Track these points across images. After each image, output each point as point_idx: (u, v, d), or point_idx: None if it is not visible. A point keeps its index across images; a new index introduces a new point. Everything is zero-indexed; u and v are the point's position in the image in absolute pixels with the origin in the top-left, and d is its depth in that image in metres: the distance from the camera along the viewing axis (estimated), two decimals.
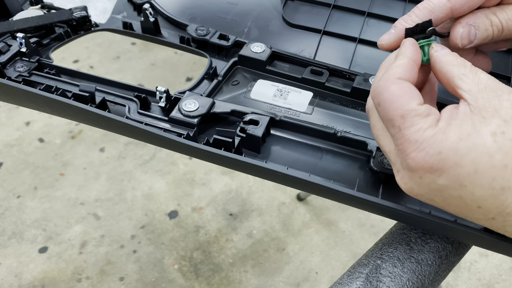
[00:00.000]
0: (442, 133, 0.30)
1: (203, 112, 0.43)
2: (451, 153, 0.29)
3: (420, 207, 0.39)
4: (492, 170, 0.29)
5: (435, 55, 0.35)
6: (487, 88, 0.31)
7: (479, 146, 0.29)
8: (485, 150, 0.29)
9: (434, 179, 0.31)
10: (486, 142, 0.29)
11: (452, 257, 0.40)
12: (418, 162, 0.31)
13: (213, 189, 1.23)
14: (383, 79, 0.33)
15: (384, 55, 0.52)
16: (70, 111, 0.44)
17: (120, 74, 1.49)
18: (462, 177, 0.30)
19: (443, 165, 0.30)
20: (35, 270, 1.08)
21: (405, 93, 0.32)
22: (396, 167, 0.33)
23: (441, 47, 0.35)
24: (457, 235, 0.38)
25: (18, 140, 1.34)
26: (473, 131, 0.29)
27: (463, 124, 0.30)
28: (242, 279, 1.06)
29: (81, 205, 1.19)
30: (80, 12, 0.54)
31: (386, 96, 0.32)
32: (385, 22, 0.54)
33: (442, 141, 0.30)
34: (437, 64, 0.34)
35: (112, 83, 0.48)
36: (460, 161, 0.29)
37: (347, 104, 0.47)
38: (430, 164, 0.30)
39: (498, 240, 0.34)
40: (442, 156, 0.30)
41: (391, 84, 0.32)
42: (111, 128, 0.44)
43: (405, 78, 0.33)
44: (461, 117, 0.30)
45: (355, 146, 0.43)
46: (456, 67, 0.33)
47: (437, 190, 0.31)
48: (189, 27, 0.53)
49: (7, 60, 0.48)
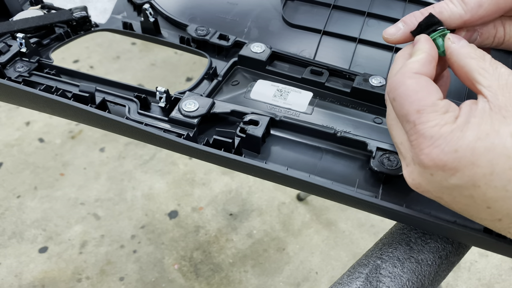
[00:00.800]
0: (460, 130, 0.29)
1: (203, 112, 0.43)
2: (468, 152, 0.28)
3: (421, 207, 0.39)
4: (509, 172, 0.28)
5: (452, 46, 0.33)
6: (508, 85, 0.30)
7: (498, 147, 0.28)
8: (504, 151, 0.28)
9: (447, 177, 0.30)
10: (505, 143, 0.28)
11: (452, 257, 0.40)
12: (432, 159, 0.29)
13: (213, 189, 1.23)
14: (399, 73, 0.32)
15: (384, 56, 0.52)
16: (70, 112, 0.44)
17: (120, 74, 1.49)
18: (477, 177, 0.29)
19: (458, 164, 0.29)
20: (35, 270, 1.08)
21: (423, 88, 0.31)
22: (406, 161, 0.32)
23: (458, 38, 0.33)
24: (456, 235, 0.38)
25: (18, 140, 1.34)
26: (492, 130, 0.28)
27: (482, 123, 0.29)
28: (242, 279, 1.06)
29: (81, 205, 1.19)
30: (80, 12, 0.54)
31: (402, 91, 0.31)
32: (385, 22, 0.54)
33: (459, 139, 0.29)
34: (454, 56, 0.33)
35: (112, 83, 0.48)
36: (477, 161, 0.28)
37: (347, 104, 0.47)
38: (445, 161, 0.29)
39: (498, 241, 0.34)
40: (458, 155, 0.29)
41: (407, 79, 0.31)
42: (111, 129, 0.44)
43: (422, 73, 0.32)
44: (480, 114, 0.29)
45: (355, 146, 0.43)
46: (475, 60, 0.32)
47: (447, 188, 0.30)
48: (189, 27, 0.53)
49: (7, 60, 0.48)
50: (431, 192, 0.31)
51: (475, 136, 0.28)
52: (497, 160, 0.28)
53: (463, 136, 0.29)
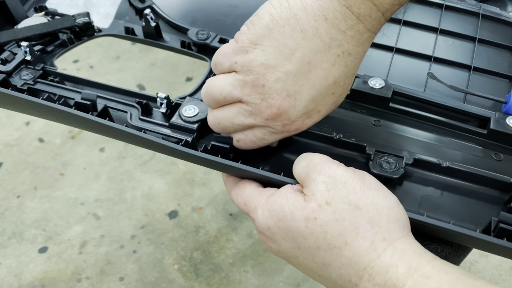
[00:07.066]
0: (268, 211, 0.35)
1: (203, 117, 0.44)
2: (276, 229, 0.35)
3: (418, 210, 0.40)
4: (309, 249, 0.33)
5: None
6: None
7: (295, 229, 0.33)
8: (299, 232, 0.33)
9: (276, 246, 0.36)
10: (299, 226, 0.33)
11: (452, 258, 0.40)
12: (260, 230, 0.36)
13: (213, 189, 1.23)
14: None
15: (384, 57, 0.53)
16: (72, 119, 0.44)
17: (120, 74, 1.49)
18: (291, 250, 0.35)
19: (274, 238, 0.35)
20: (35, 270, 1.08)
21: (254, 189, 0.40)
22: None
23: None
24: (453, 237, 0.38)
25: (18, 140, 1.34)
26: (289, 213, 0.34)
27: (284, 205, 0.34)
28: (242, 279, 1.07)
29: (81, 205, 1.20)
30: (83, 19, 0.55)
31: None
32: (386, 23, 0.54)
33: (267, 218, 0.35)
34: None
35: (114, 89, 0.49)
36: (285, 236, 0.34)
37: (345, 107, 0.48)
38: (266, 235, 0.36)
39: (497, 243, 0.34)
40: (271, 231, 0.35)
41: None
42: (113, 135, 0.44)
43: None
44: (283, 194, 0.35)
45: (353, 150, 0.44)
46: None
47: (283, 254, 0.36)
48: (189, 31, 0.53)
49: (12, 68, 0.49)
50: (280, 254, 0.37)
51: (277, 217, 0.35)
52: (298, 238, 0.33)
53: (271, 215, 0.35)
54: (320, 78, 0.35)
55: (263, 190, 0.38)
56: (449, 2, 0.58)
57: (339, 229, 0.32)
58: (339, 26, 0.33)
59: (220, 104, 0.38)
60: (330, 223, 0.32)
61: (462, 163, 0.42)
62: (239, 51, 0.36)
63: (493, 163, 0.43)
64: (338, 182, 0.33)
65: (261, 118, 0.36)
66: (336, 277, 0.33)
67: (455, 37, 0.55)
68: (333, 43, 0.34)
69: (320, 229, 0.32)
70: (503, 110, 0.46)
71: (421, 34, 0.55)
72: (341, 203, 0.32)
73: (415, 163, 0.42)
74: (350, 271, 0.32)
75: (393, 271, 0.30)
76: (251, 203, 0.37)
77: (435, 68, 0.52)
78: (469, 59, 0.52)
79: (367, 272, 0.31)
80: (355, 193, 0.33)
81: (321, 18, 0.33)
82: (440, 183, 0.42)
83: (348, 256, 0.32)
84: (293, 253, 0.35)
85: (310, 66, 0.34)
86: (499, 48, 0.54)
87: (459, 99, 0.49)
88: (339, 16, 0.33)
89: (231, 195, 0.41)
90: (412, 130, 0.46)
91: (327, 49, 0.34)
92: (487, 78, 0.51)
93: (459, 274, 0.30)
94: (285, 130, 0.38)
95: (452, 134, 0.46)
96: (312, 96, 0.36)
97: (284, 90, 0.35)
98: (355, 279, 0.32)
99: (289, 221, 0.33)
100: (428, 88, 0.50)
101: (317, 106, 0.37)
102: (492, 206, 0.40)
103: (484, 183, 0.41)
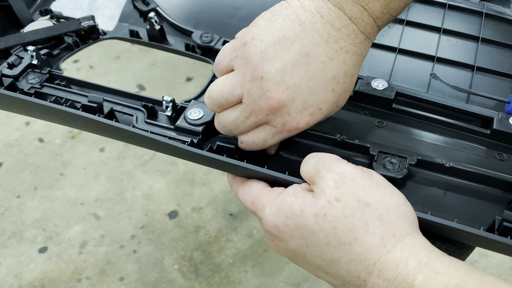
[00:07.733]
0: (275, 209, 0.35)
1: (207, 120, 0.44)
2: (284, 227, 0.35)
3: (422, 209, 0.40)
4: (318, 246, 0.33)
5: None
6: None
7: (304, 226, 0.34)
8: (309, 229, 0.33)
9: (283, 245, 0.36)
10: (309, 222, 0.33)
11: (455, 256, 0.40)
12: (266, 229, 0.37)
13: (213, 189, 1.24)
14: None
15: (387, 57, 0.53)
16: (79, 122, 0.44)
17: (120, 74, 1.49)
18: (298, 247, 0.35)
19: (282, 236, 0.35)
20: (35, 270, 1.08)
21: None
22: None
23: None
24: (458, 236, 0.39)
25: (18, 140, 1.34)
26: (299, 210, 0.34)
27: (293, 203, 0.35)
28: (242, 279, 1.07)
29: (81, 205, 1.20)
30: (88, 22, 0.55)
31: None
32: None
33: (275, 216, 0.35)
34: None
35: (120, 93, 0.49)
36: (293, 234, 0.34)
37: (349, 108, 0.48)
38: (273, 233, 0.36)
39: (501, 241, 0.35)
40: (278, 229, 0.35)
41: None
42: (119, 137, 0.45)
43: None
44: (291, 192, 0.36)
45: (357, 151, 0.44)
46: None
47: (289, 252, 0.36)
48: (194, 34, 0.54)
49: (19, 72, 0.49)
50: (286, 254, 0.37)
51: (285, 215, 0.35)
52: (306, 235, 0.34)
53: (278, 213, 0.35)
54: (319, 71, 0.35)
55: (270, 189, 0.38)
56: (452, 1, 0.58)
57: (349, 225, 0.32)
58: (334, 24, 0.35)
59: (223, 108, 0.39)
60: (340, 219, 0.32)
61: (466, 163, 0.42)
62: (238, 45, 0.37)
63: (496, 163, 0.43)
64: (347, 179, 0.34)
65: (262, 114, 0.37)
66: (344, 274, 0.33)
67: (458, 37, 0.55)
68: (330, 38, 0.35)
69: (330, 225, 0.32)
70: (506, 110, 0.47)
71: (424, 34, 0.55)
72: (351, 199, 0.33)
73: (419, 164, 0.42)
74: (359, 267, 0.32)
75: (403, 266, 0.31)
76: (258, 202, 0.38)
77: (438, 68, 0.52)
78: (472, 59, 0.53)
79: (377, 267, 0.31)
80: (364, 190, 0.33)
81: (317, 15, 0.35)
82: (443, 183, 0.42)
83: (358, 252, 0.32)
84: (301, 251, 0.35)
85: (308, 58, 0.35)
86: (502, 48, 0.54)
87: (462, 99, 0.49)
88: (333, 15, 0.35)
89: (237, 194, 0.41)
90: (415, 130, 0.46)
91: (325, 43, 0.35)
92: (490, 78, 0.51)
93: (468, 269, 0.30)
94: (286, 129, 0.38)
95: (455, 135, 0.46)
96: (311, 89, 0.36)
97: (283, 83, 0.35)
98: (364, 274, 0.32)
99: (298, 218, 0.34)
100: (431, 89, 0.50)
101: (317, 102, 0.37)
102: (495, 206, 0.41)
103: (487, 183, 0.42)
